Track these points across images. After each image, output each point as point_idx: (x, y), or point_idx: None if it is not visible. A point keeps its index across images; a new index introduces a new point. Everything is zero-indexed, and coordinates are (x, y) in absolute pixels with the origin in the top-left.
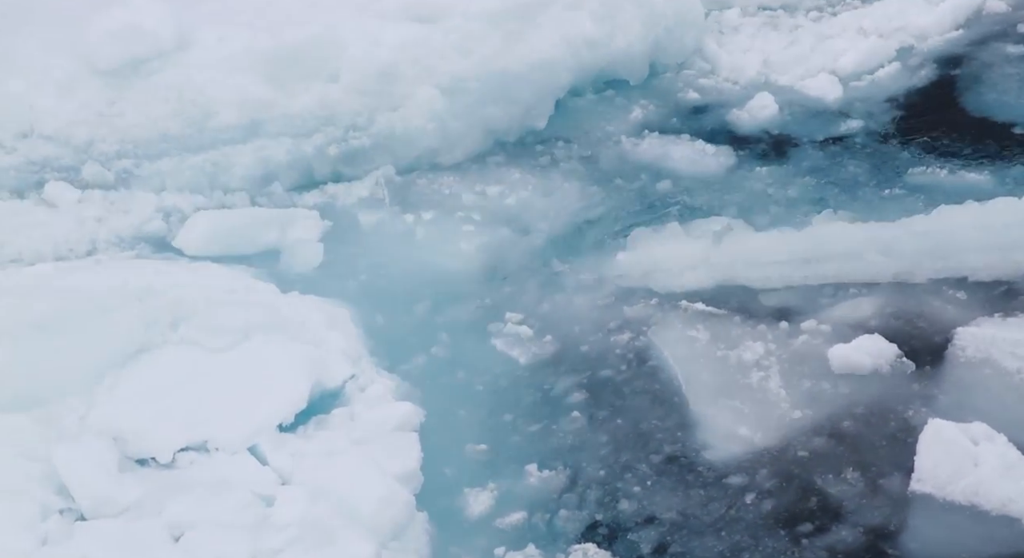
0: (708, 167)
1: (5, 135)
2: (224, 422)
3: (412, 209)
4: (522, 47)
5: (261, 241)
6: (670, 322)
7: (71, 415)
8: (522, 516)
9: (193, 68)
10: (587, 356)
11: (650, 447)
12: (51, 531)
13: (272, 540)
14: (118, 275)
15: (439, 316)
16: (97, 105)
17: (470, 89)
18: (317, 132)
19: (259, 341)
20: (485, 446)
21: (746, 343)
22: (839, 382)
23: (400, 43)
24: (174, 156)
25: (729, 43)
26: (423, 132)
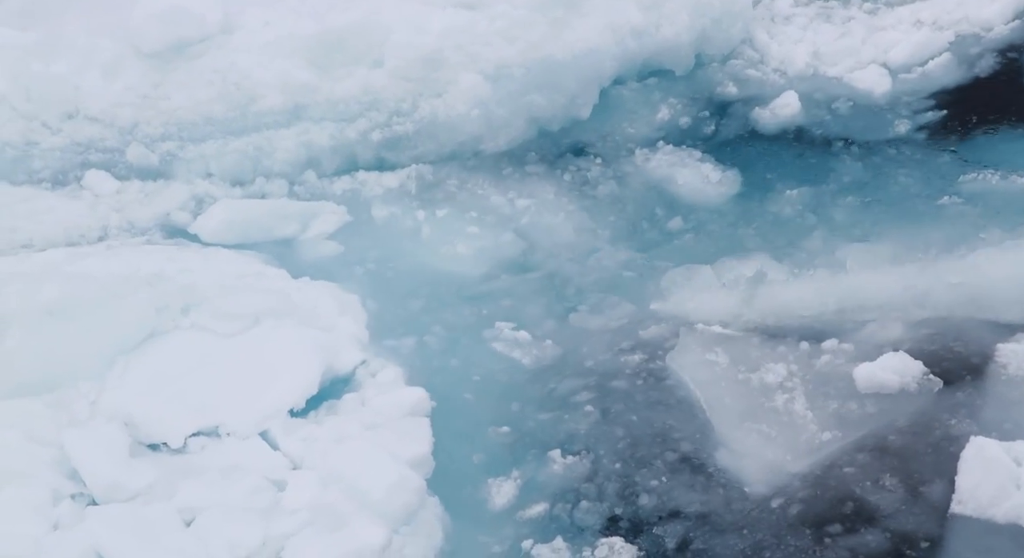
0: (736, 184)
1: (50, 116)
2: (235, 407)
3: (428, 206)
4: (567, 35)
5: (278, 232)
6: (687, 345)
7: (82, 400)
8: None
9: (238, 52)
10: (603, 385)
11: (682, 478)
12: (62, 516)
13: (283, 524)
14: (129, 261)
15: (429, 316)
16: (142, 87)
17: (514, 76)
18: (360, 117)
19: (270, 327)
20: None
21: (767, 365)
22: (866, 402)
23: (444, 29)
24: (217, 139)
25: (780, 34)
26: (466, 119)
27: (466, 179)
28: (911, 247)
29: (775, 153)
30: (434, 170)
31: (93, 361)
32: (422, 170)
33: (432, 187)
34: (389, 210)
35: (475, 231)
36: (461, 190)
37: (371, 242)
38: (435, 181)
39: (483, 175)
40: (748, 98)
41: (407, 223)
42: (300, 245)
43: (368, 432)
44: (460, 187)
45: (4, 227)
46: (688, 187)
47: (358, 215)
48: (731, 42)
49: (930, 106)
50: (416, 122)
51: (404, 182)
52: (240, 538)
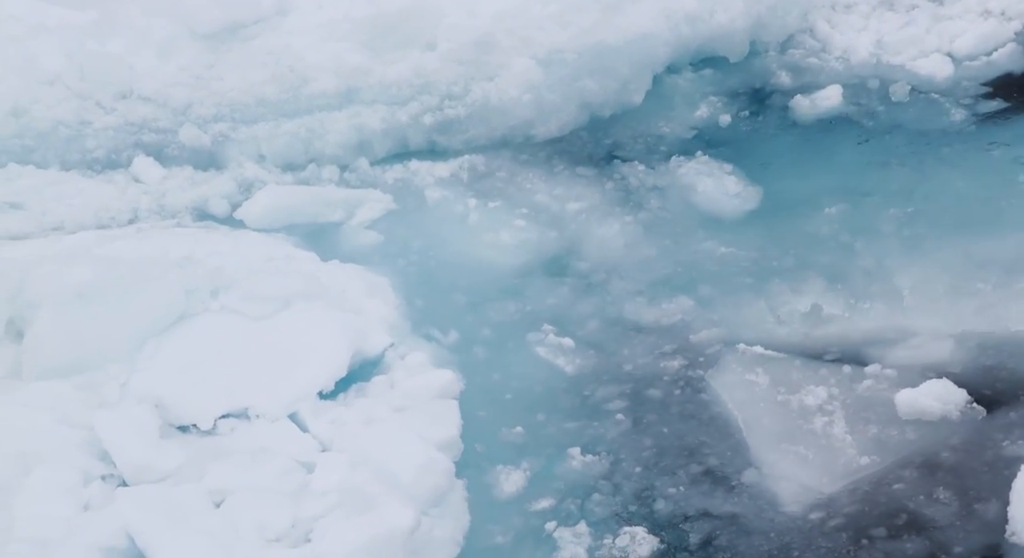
0: (778, 195)
1: (104, 96)
2: (264, 389)
3: (475, 197)
4: (621, 20)
5: (322, 219)
6: (728, 364)
7: (112, 382)
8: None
9: (291, 34)
10: (635, 407)
11: (716, 497)
12: (93, 497)
13: (312, 506)
14: (159, 244)
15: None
16: (196, 68)
17: (567, 61)
18: (412, 101)
19: (299, 309)
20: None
21: (808, 387)
22: (907, 428)
23: (497, 13)
24: (270, 121)
25: (842, 23)
26: (518, 103)
27: (515, 172)
28: (965, 267)
29: (821, 153)
30: (485, 161)
31: (123, 343)
32: (474, 160)
33: (481, 178)
34: (436, 199)
35: (521, 224)
36: (509, 183)
37: (414, 231)
38: (486, 172)
39: (533, 169)
40: (801, 87)
41: (452, 213)
42: (344, 232)
43: (397, 414)
44: (508, 180)
45: (35, 210)
46: (720, 201)
47: (405, 203)
48: (787, 30)
49: (991, 96)
50: (468, 106)
51: (455, 171)
52: (269, 520)
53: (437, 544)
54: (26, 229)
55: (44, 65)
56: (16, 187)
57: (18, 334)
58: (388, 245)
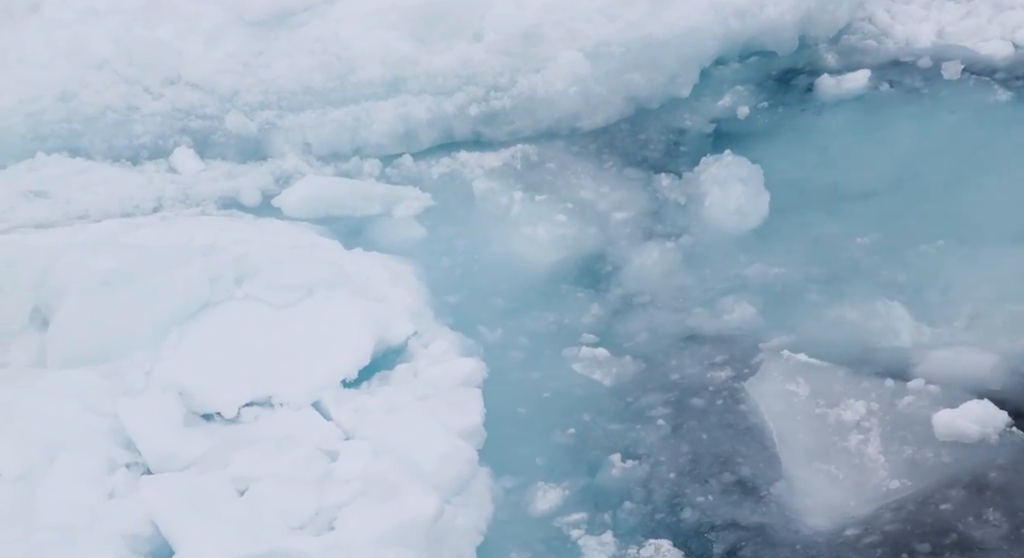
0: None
1: (152, 81)
2: (288, 378)
3: (518, 192)
4: (669, 13)
5: (360, 212)
6: (769, 373)
7: (137, 370)
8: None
9: (339, 22)
10: (673, 412)
11: (744, 508)
12: (117, 485)
13: (336, 494)
14: (183, 232)
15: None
16: (243, 55)
17: (614, 54)
18: (459, 91)
19: (323, 297)
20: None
21: (847, 401)
22: (942, 450)
23: (545, 4)
24: (316, 109)
25: (901, 12)
26: (564, 96)
27: (559, 170)
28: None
29: (875, 141)
30: (537, 151)
31: (148, 331)
32: (525, 150)
33: (523, 174)
34: (483, 190)
35: (562, 219)
36: (557, 178)
37: (455, 224)
38: (536, 162)
39: (579, 165)
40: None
41: (494, 209)
42: (380, 224)
43: (420, 403)
44: (556, 174)
45: (60, 198)
46: (764, 205)
47: (446, 196)
48: (836, 24)
49: None
50: (514, 97)
51: (504, 163)
52: (293, 507)
53: (460, 532)
54: (51, 217)
55: (93, 50)
56: (41, 176)
57: (43, 322)
58: (424, 236)
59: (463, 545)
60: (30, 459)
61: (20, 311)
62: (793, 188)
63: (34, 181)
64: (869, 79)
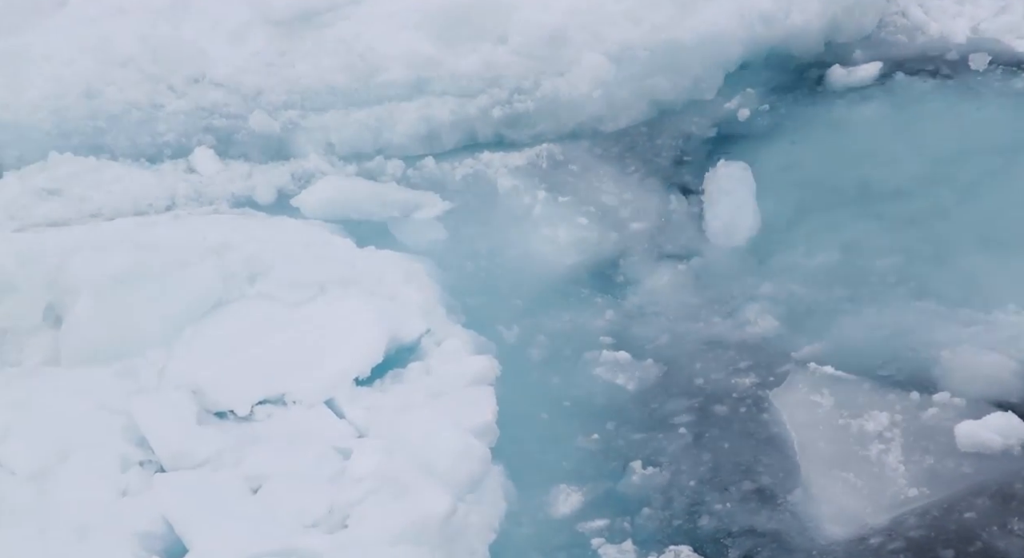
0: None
1: (176, 80)
2: (301, 376)
3: (538, 193)
4: (694, 18)
5: (378, 216)
6: (794, 384)
7: (150, 368)
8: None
9: (364, 22)
10: (694, 420)
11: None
12: (131, 482)
13: (349, 492)
14: (196, 230)
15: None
16: (268, 55)
17: (638, 58)
18: (482, 93)
19: (335, 295)
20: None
21: (871, 413)
22: (964, 461)
23: (570, 8)
24: (340, 109)
25: (935, 8)
26: (588, 99)
27: (581, 172)
28: None
29: (906, 139)
30: (547, 158)
31: (161, 330)
32: (551, 149)
33: (546, 175)
34: (507, 188)
35: (584, 222)
36: (579, 180)
37: (475, 229)
38: (547, 169)
39: (602, 168)
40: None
41: (516, 210)
42: (400, 227)
43: (433, 400)
44: (579, 176)
45: (74, 197)
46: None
47: (467, 198)
48: (863, 31)
49: None
50: (537, 100)
51: (528, 163)
52: (306, 505)
53: (473, 530)
54: (65, 216)
55: (118, 47)
56: (55, 174)
57: (56, 320)
58: (444, 238)
59: (476, 543)
60: (43, 457)
61: (33, 309)
62: (821, 187)
63: (47, 179)
64: (899, 75)
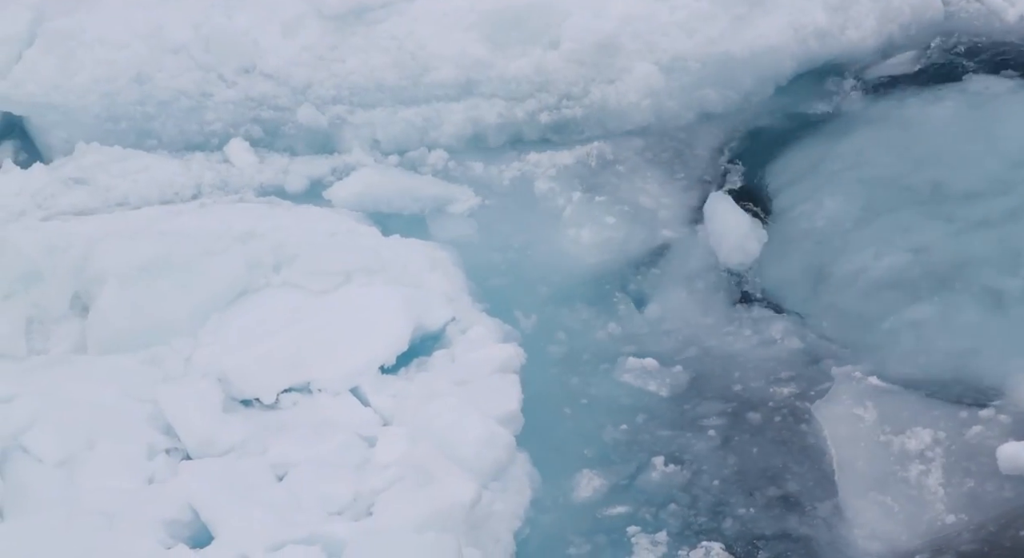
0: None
1: (227, 69)
2: (326, 364)
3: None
4: (748, 32)
5: (407, 211)
6: (838, 395)
7: (176, 356)
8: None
9: (416, 21)
10: (725, 423)
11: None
12: (157, 470)
13: (374, 480)
14: (222, 219)
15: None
16: (319, 48)
17: (689, 69)
18: (530, 97)
19: (360, 283)
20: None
21: (914, 429)
22: (1005, 484)
23: (624, 15)
24: (388, 107)
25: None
26: (636, 108)
27: (627, 174)
28: None
29: (962, 154)
30: (592, 160)
31: (187, 318)
32: (600, 148)
33: (586, 177)
34: (543, 191)
35: (612, 221)
36: (623, 181)
37: (507, 226)
38: (588, 173)
39: (648, 172)
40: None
41: (551, 209)
42: (432, 221)
43: (458, 388)
44: (623, 177)
45: (100, 186)
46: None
47: (500, 196)
48: (920, 43)
49: None
50: (585, 107)
51: (569, 166)
52: (331, 493)
53: (498, 518)
54: (91, 204)
55: (170, 34)
56: (81, 163)
57: (83, 309)
58: (474, 231)
59: (501, 530)
60: (71, 445)
61: (60, 298)
62: (891, 187)
63: (74, 169)
64: (974, 73)
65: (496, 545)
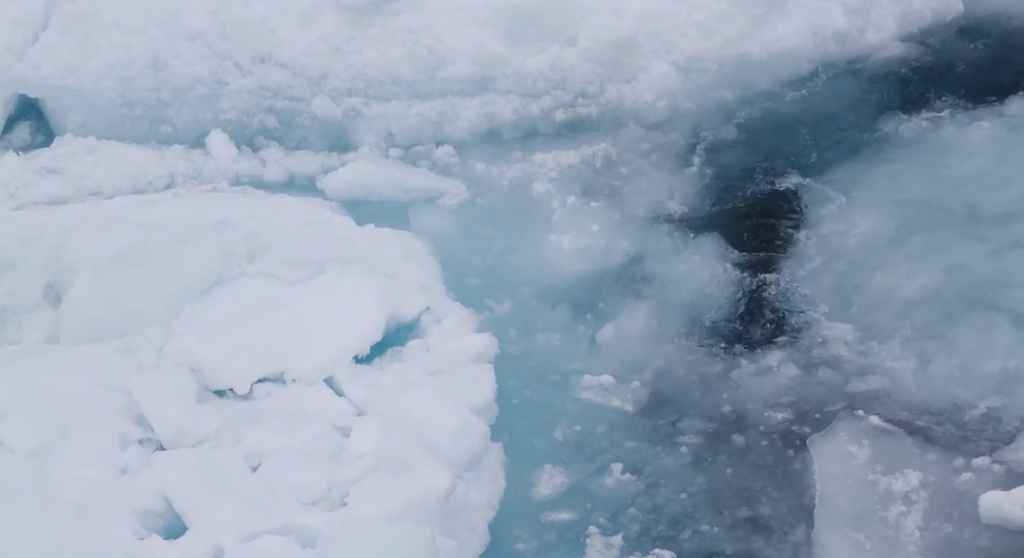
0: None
1: (243, 58)
2: (300, 354)
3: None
4: (767, 33)
5: (394, 200)
6: (836, 431)
7: (150, 346)
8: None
9: (434, 14)
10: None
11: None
12: (130, 460)
13: (348, 470)
14: (196, 208)
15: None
16: (336, 39)
17: (706, 70)
18: (546, 95)
19: (335, 273)
20: None
21: (904, 471)
22: (983, 532)
23: (642, 15)
24: (403, 100)
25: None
26: (652, 108)
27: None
28: None
29: (998, 174)
30: (583, 165)
31: (160, 308)
32: (606, 151)
33: (581, 181)
34: (525, 197)
35: (596, 228)
36: (625, 183)
37: (489, 228)
38: (586, 176)
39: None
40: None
41: (537, 212)
42: (412, 214)
43: (432, 378)
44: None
45: (73, 175)
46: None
47: (488, 190)
48: (938, 53)
49: None
50: (601, 106)
51: (571, 165)
52: (305, 483)
53: (473, 507)
54: (64, 194)
55: (187, 21)
56: (55, 153)
57: (56, 298)
58: (452, 224)
59: (476, 520)
60: (43, 435)
61: (33, 287)
62: (925, 207)
63: (47, 158)
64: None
65: (471, 535)
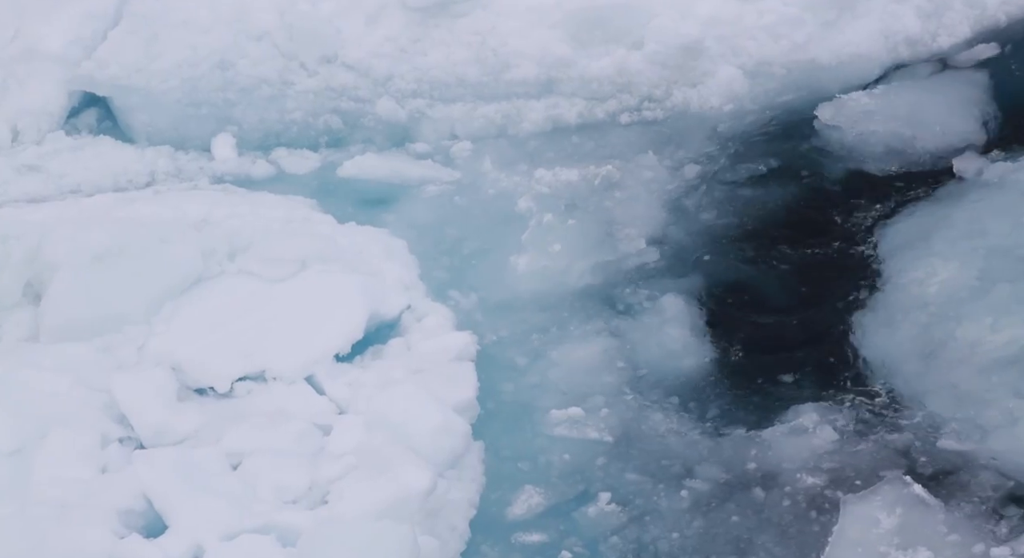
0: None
1: (309, 58)
2: (281, 352)
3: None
4: (836, 38)
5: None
6: (871, 496)
7: (130, 345)
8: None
9: (500, 16)
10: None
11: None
12: (110, 459)
13: (329, 468)
14: (176, 206)
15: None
16: (401, 40)
17: (774, 75)
18: (611, 98)
19: (316, 271)
20: None
21: (929, 543)
22: None
23: (710, 18)
24: (468, 102)
25: None
26: (718, 113)
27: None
28: None
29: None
30: (581, 183)
31: (141, 306)
32: (599, 173)
33: (567, 200)
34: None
35: (558, 249)
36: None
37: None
38: (580, 194)
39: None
40: None
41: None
42: (399, 205)
43: (413, 376)
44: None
45: (53, 173)
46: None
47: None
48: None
49: None
50: (667, 110)
51: (567, 184)
52: (286, 482)
53: (453, 506)
54: (44, 192)
55: (254, 20)
56: (35, 151)
57: (36, 297)
58: (427, 222)
59: (457, 518)
60: (23, 434)
61: (13, 286)
62: (1008, 255)
63: (27, 156)
64: None
65: (452, 533)
